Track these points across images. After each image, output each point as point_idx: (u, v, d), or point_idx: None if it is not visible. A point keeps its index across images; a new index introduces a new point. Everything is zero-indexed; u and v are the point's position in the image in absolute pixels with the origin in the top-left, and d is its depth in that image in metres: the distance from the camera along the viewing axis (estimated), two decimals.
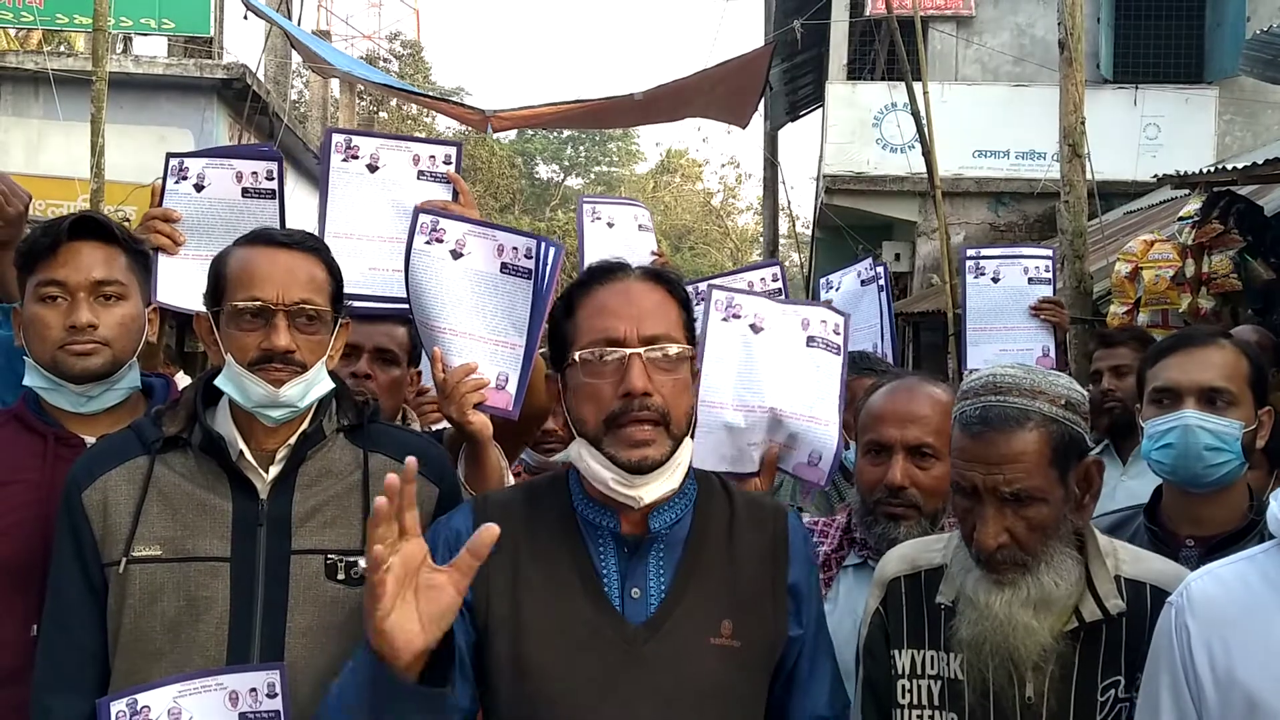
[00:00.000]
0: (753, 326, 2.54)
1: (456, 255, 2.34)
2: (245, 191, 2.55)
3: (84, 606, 1.92)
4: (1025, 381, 1.90)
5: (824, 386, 2.54)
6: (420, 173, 2.57)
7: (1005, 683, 1.88)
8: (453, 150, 2.60)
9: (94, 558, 1.92)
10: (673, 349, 1.78)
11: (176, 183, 2.53)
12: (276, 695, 1.79)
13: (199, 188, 2.53)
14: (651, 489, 1.74)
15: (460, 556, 1.56)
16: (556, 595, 1.76)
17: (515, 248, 2.36)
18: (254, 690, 1.79)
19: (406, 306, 2.39)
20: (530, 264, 2.35)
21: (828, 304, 2.72)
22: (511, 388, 2.33)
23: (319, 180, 2.56)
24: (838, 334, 2.60)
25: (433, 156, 2.58)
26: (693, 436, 1.86)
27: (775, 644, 1.83)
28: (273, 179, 2.54)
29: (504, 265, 2.35)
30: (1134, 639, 1.85)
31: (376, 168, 2.55)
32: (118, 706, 1.75)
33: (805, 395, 2.51)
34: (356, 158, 2.54)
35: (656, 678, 1.72)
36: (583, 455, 1.77)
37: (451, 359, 2.31)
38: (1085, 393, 1.97)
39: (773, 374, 2.51)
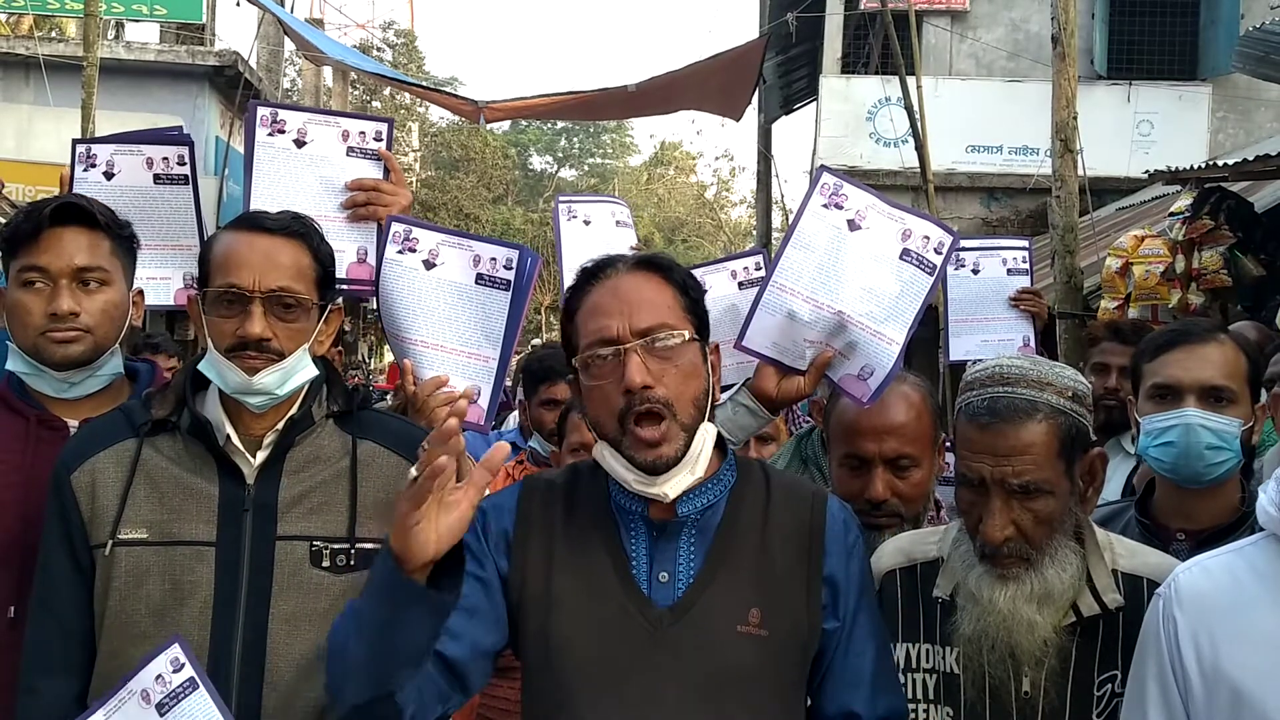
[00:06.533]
0: (850, 222, 2.40)
1: (429, 265, 2.32)
2: (157, 178, 2.49)
3: (71, 588, 1.91)
4: (1032, 373, 1.89)
5: (902, 304, 2.40)
6: (350, 149, 2.47)
7: (1004, 677, 1.88)
8: (384, 126, 2.51)
9: (81, 540, 1.92)
10: (670, 338, 1.76)
11: (85, 170, 2.46)
12: (183, 666, 1.73)
13: (109, 175, 2.47)
14: (674, 484, 1.75)
15: (476, 471, 1.63)
16: (587, 575, 1.78)
17: (494, 258, 2.34)
18: (159, 676, 1.72)
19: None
20: (509, 275, 2.33)
21: (940, 221, 2.53)
22: (484, 401, 2.32)
23: (244, 156, 2.46)
24: (938, 253, 2.43)
25: (363, 133, 2.48)
26: (712, 417, 1.84)
27: (808, 636, 1.80)
28: (184, 164, 2.49)
29: (479, 276, 2.33)
30: (1130, 633, 1.83)
31: (304, 143, 2.45)
32: None
33: (880, 308, 2.37)
34: (283, 132, 2.44)
35: (680, 662, 1.73)
36: (605, 457, 1.78)
37: (423, 371, 2.29)
38: (1089, 385, 1.97)
39: (854, 277, 2.38)
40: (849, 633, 1.83)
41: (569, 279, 3.51)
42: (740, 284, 2.99)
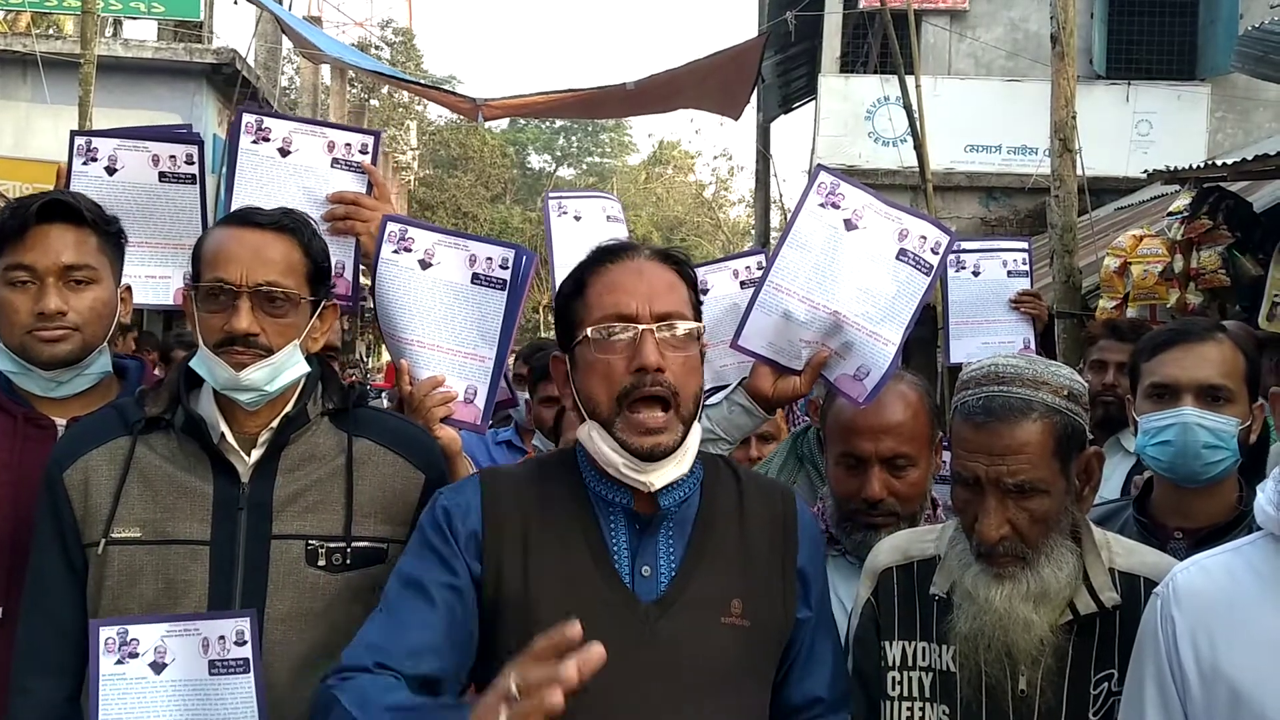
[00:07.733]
0: (847, 222, 2.40)
1: (425, 265, 2.32)
2: (163, 176, 2.47)
3: (64, 587, 1.91)
4: (1028, 372, 1.89)
5: (899, 304, 2.40)
6: (335, 160, 2.44)
7: (1000, 676, 1.87)
8: (370, 140, 2.48)
9: (74, 538, 1.91)
10: (684, 327, 1.78)
11: (84, 164, 2.44)
12: (245, 643, 1.77)
13: (111, 170, 2.45)
14: (662, 474, 1.75)
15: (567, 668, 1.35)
16: (568, 572, 1.75)
17: (490, 258, 2.33)
18: (223, 638, 1.77)
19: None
20: (505, 274, 2.32)
21: (937, 220, 2.52)
22: (480, 401, 2.31)
23: (229, 162, 2.43)
24: (935, 253, 2.43)
25: (349, 145, 2.45)
26: (701, 412, 1.83)
27: (784, 626, 1.84)
28: (193, 163, 2.47)
29: (475, 276, 2.32)
30: (1127, 632, 1.83)
31: (289, 152, 2.43)
32: (108, 633, 1.76)
33: (876, 308, 2.38)
34: (268, 140, 2.42)
35: (668, 656, 1.72)
36: (593, 438, 1.76)
37: (419, 371, 2.29)
38: (1086, 384, 1.96)
39: (850, 277, 2.38)
40: (817, 623, 1.89)
41: (560, 275, 3.52)
42: (742, 283, 2.98)
